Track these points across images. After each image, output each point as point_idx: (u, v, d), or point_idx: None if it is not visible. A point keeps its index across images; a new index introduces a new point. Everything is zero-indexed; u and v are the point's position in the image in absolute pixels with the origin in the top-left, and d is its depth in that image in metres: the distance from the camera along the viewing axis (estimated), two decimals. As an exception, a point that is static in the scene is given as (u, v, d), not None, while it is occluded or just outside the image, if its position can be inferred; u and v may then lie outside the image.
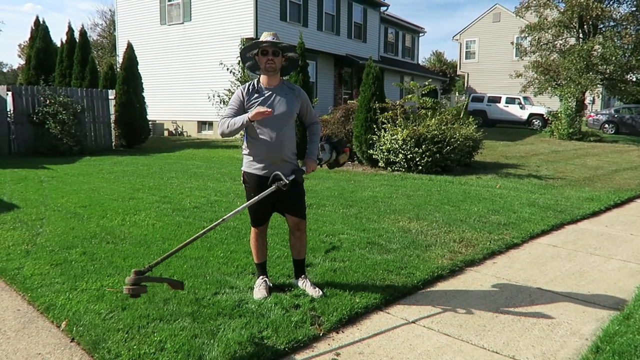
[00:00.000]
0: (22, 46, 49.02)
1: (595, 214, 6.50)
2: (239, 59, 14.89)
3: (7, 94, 12.73)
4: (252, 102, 3.27)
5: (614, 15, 19.38)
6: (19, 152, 12.80)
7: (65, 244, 4.58)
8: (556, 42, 20.63)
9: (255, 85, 3.33)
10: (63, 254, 4.28)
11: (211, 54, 18.41)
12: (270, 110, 3.08)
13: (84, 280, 3.66)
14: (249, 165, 3.35)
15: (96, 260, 4.13)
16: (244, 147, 3.40)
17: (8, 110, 12.70)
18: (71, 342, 2.82)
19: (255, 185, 3.32)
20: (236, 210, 3.15)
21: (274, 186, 3.16)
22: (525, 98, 23.85)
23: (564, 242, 5.12)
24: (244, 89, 3.32)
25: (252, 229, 3.51)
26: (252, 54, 3.36)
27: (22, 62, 41.83)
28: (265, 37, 3.27)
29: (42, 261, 4.09)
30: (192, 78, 19.48)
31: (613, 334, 2.90)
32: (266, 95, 3.29)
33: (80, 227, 5.22)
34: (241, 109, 3.29)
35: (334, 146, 3.59)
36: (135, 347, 2.70)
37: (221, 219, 3.03)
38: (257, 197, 3.17)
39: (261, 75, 3.36)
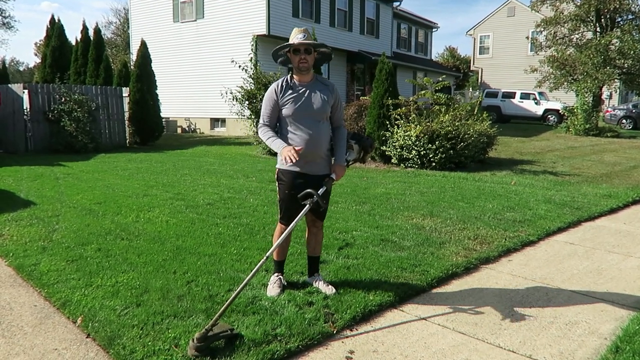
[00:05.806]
0: (38, 44, 49.78)
1: (613, 210, 6.39)
2: (251, 55, 15.02)
3: (24, 92, 12.92)
4: (287, 99, 3.22)
5: (632, 8, 19.01)
6: (35, 149, 12.98)
7: (81, 241, 4.63)
8: (572, 36, 20.27)
9: (289, 82, 3.28)
10: (78, 251, 4.33)
11: (223, 51, 18.48)
12: (299, 149, 3.09)
13: (99, 277, 3.69)
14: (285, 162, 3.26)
15: (111, 257, 4.16)
16: None
17: (24, 108, 12.89)
18: (87, 337, 2.84)
19: (290, 183, 3.27)
20: (275, 244, 3.15)
21: (308, 204, 3.10)
22: (540, 93, 23.52)
23: (581, 240, 5.04)
24: (277, 86, 3.26)
25: (279, 225, 3.42)
26: (284, 52, 3.32)
27: (38, 60, 42.41)
28: (296, 34, 3.22)
29: (58, 257, 4.14)
30: (204, 75, 19.57)
31: (633, 334, 2.85)
32: (300, 91, 3.24)
33: (95, 224, 5.27)
34: (276, 109, 3.26)
35: (364, 147, 3.50)
36: (150, 343, 2.71)
37: (265, 257, 2.97)
38: (293, 222, 3.12)
39: (294, 71, 3.32)
